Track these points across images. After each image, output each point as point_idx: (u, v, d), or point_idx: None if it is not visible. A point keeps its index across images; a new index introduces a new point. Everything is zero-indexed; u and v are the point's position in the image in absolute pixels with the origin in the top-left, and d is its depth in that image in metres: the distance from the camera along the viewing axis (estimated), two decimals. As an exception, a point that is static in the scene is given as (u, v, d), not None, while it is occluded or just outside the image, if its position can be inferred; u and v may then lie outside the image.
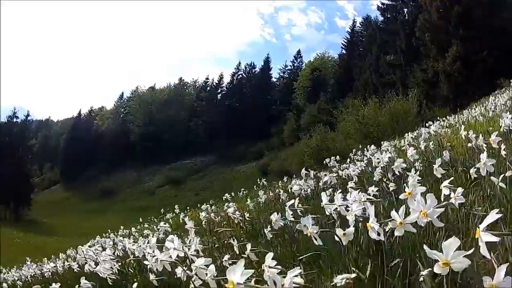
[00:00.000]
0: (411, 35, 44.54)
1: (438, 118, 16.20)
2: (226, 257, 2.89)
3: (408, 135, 11.81)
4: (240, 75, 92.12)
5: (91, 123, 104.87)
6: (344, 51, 67.31)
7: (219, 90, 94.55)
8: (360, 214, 2.74)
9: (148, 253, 3.33)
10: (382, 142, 12.24)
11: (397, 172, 4.70)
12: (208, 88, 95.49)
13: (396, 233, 2.09)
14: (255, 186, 14.86)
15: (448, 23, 38.12)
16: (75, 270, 5.90)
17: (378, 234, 2.19)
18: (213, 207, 12.02)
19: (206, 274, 2.12)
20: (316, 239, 2.44)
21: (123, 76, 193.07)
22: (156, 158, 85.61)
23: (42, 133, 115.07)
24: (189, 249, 2.82)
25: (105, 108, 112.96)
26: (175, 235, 3.49)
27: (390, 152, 7.68)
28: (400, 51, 46.28)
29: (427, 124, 13.79)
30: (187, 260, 2.88)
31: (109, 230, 17.44)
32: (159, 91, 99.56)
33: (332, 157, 11.56)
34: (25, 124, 78.34)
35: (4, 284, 8.99)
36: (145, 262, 3.23)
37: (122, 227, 16.52)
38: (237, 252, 3.18)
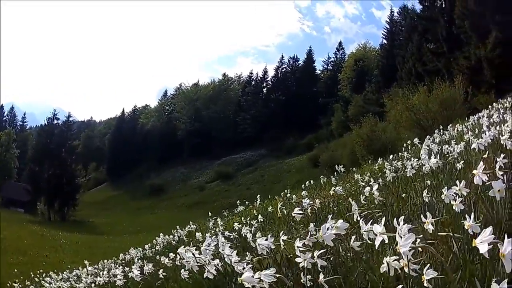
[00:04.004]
0: (451, 22, 43.09)
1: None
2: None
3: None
4: (284, 69, 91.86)
5: (135, 121, 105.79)
6: (385, 41, 66.74)
7: (264, 84, 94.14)
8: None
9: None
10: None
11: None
12: (253, 82, 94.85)
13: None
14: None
15: (486, 9, 36.47)
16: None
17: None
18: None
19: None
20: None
21: (163, 75, 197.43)
22: (205, 154, 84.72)
23: (84, 133, 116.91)
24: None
25: (149, 106, 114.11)
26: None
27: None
28: (441, 39, 44.74)
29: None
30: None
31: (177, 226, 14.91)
32: (203, 87, 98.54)
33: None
34: (66, 125, 77.80)
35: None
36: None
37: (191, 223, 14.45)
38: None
